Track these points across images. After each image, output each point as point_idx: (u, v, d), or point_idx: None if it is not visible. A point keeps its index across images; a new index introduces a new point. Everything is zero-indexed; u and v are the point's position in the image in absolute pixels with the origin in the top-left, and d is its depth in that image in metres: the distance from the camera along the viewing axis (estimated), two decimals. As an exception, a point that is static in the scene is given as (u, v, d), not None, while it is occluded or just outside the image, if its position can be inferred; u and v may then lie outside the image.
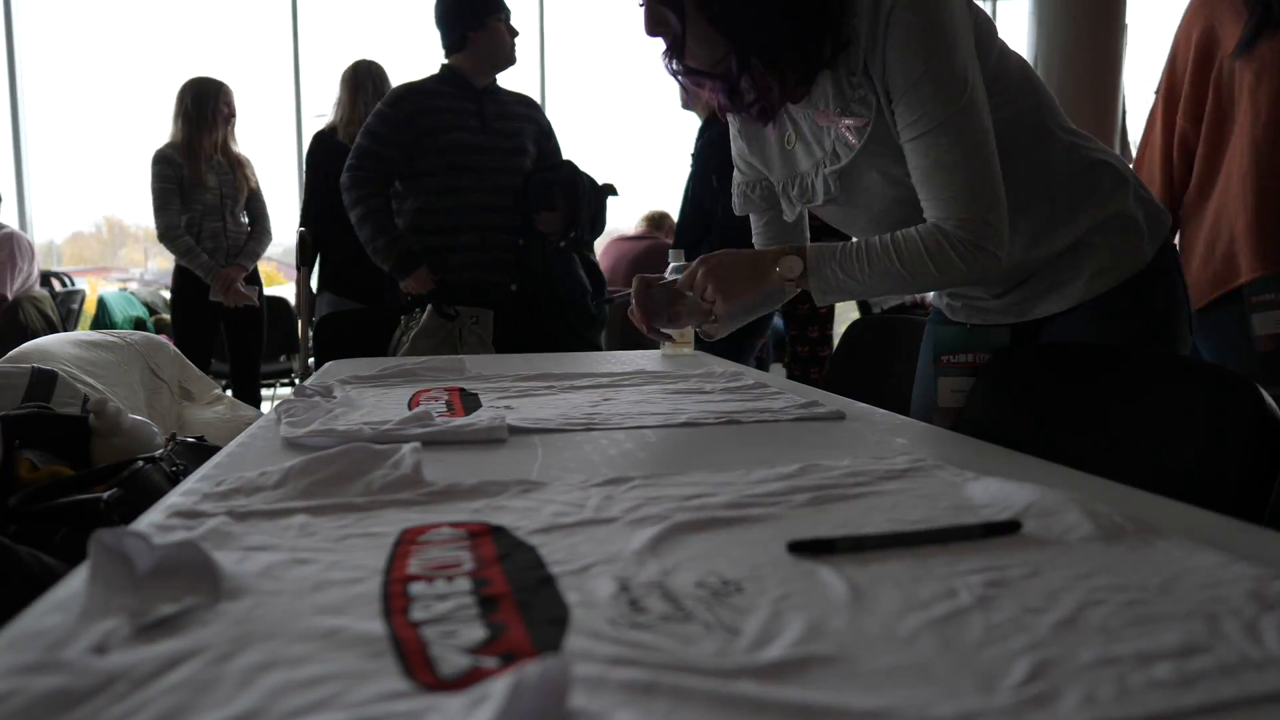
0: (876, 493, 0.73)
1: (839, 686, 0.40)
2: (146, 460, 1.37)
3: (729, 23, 1.11)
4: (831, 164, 1.18)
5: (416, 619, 0.47)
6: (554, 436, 1.02)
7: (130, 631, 0.44)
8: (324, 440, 0.95)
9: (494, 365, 1.71)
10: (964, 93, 1.05)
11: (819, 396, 1.31)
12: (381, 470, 0.74)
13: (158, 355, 2.42)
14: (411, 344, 2.64)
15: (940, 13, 1.05)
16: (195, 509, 0.66)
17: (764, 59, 1.14)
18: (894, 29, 1.06)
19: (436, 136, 2.60)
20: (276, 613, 0.47)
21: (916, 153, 1.09)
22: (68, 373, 1.85)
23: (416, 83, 2.67)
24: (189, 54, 6.28)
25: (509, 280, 2.69)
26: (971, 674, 0.41)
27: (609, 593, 0.51)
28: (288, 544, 0.59)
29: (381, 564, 0.56)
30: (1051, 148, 1.17)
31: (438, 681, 0.40)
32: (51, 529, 1.18)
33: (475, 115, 2.65)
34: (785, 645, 0.44)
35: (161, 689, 0.39)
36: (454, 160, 2.61)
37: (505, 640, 0.45)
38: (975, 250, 1.08)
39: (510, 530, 0.63)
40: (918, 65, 1.05)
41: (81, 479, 1.33)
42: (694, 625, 0.47)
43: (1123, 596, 0.50)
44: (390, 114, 2.61)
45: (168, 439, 1.57)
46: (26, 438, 1.42)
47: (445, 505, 0.70)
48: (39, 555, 1.06)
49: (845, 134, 1.15)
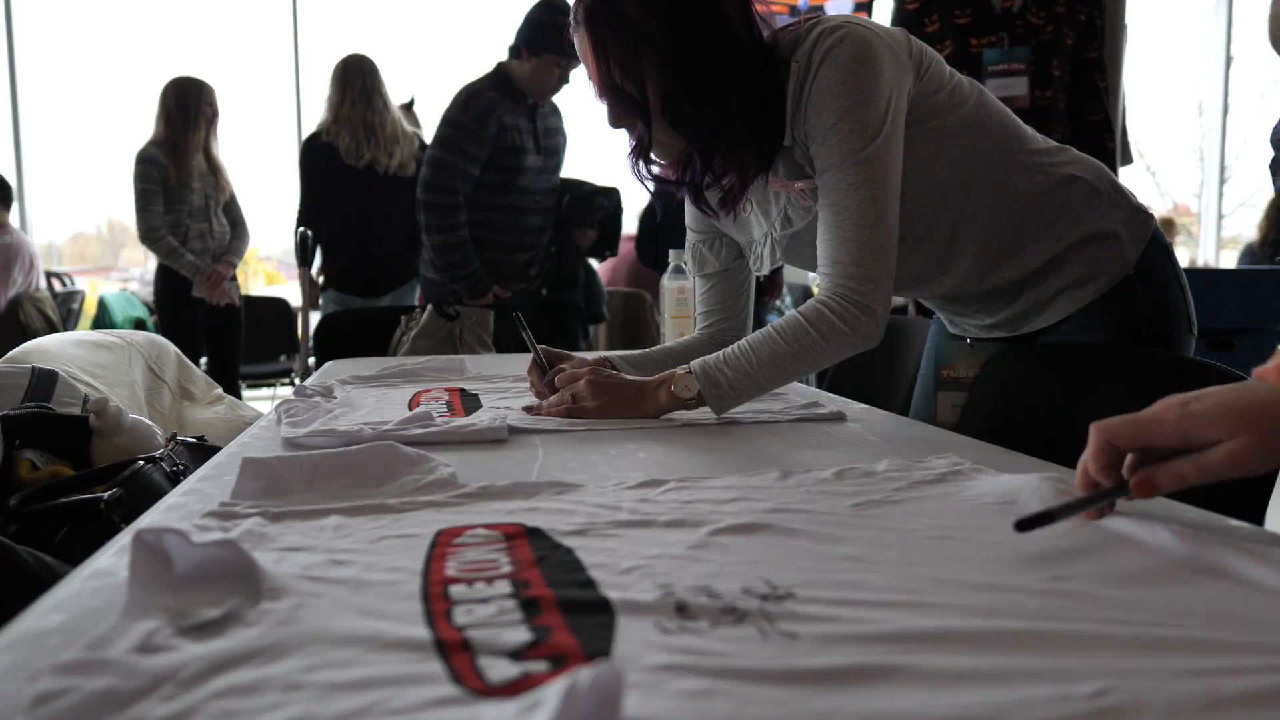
0: (918, 497, 0.72)
1: (904, 693, 0.39)
2: (147, 460, 1.37)
3: (692, 127, 1.13)
4: (782, 228, 1.21)
5: (460, 623, 0.46)
6: (554, 436, 1.02)
7: (174, 631, 0.44)
8: (325, 440, 0.95)
9: (494, 365, 1.71)
10: (870, 144, 1.07)
11: (819, 397, 1.32)
12: (414, 475, 0.74)
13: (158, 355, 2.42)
14: (411, 344, 2.65)
15: (862, 70, 1.07)
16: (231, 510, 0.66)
17: (724, 155, 1.16)
18: (818, 82, 1.09)
19: (508, 156, 2.65)
20: (319, 615, 0.47)
21: (820, 198, 1.11)
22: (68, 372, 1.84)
23: (487, 94, 2.64)
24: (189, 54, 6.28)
25: (541, 286, 2.83)
26: (1045, 680, 0.40)
27: (653, 596, 0.50)
28: (324, 545, 0.59)
29: (418, 566, 0.55)
30: (1013, 173, 1.18)
31: (486, 687, 0.39)
32: (52, 529, 1.18)
33: (532, 135, 2.70)
34: (845, 650, 0.43)
35: (209, 692, 0.38)
36: (516, 182, 2.68)
37: (551, 644, 0.44)
38: (856, 308, 1.08)
39: (546, 532, 0.62)
40: (830, 116, 1.08)
41: (82, 479, 1.33)
42: (747, 629, 0.46)
43: (1205, 609, 0.48)
44: (479, 131, 2.59)
45: (168, 439, 1.57)
46: (26, 437, 1.42)
47: (479, 506, 0.69)
48: (39, 555, 1.05)
49: (799, 198, 1.18)
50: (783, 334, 1.10)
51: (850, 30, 1.09)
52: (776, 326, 1.11)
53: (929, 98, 1.13)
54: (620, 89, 1.12)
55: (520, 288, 2.78)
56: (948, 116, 1.14)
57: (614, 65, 1.11)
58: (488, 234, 2.69)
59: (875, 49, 1.08)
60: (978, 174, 1.17)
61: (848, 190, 1.08)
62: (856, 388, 1.54)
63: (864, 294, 1.08)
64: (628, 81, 1.11)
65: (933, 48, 1.18)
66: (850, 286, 1.08)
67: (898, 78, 1.09)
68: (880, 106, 1.07)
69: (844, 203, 1.08)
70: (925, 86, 1.13)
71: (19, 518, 1.21)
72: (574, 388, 1.13)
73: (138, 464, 1.33)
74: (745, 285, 1.39)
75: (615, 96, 1.13)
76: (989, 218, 1.18)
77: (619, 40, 1.10)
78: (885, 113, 1.08)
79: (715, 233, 1.37)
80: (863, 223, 1.07)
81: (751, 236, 1.30)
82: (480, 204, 2.66)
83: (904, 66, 1.11)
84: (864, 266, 1.08)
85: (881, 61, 1.08)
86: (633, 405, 1.11)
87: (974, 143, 1.16)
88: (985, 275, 1.22)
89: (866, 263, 1.08)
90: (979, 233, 1.19)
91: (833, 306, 1.09)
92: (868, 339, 1.10)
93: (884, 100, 1.08)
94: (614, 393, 1.12)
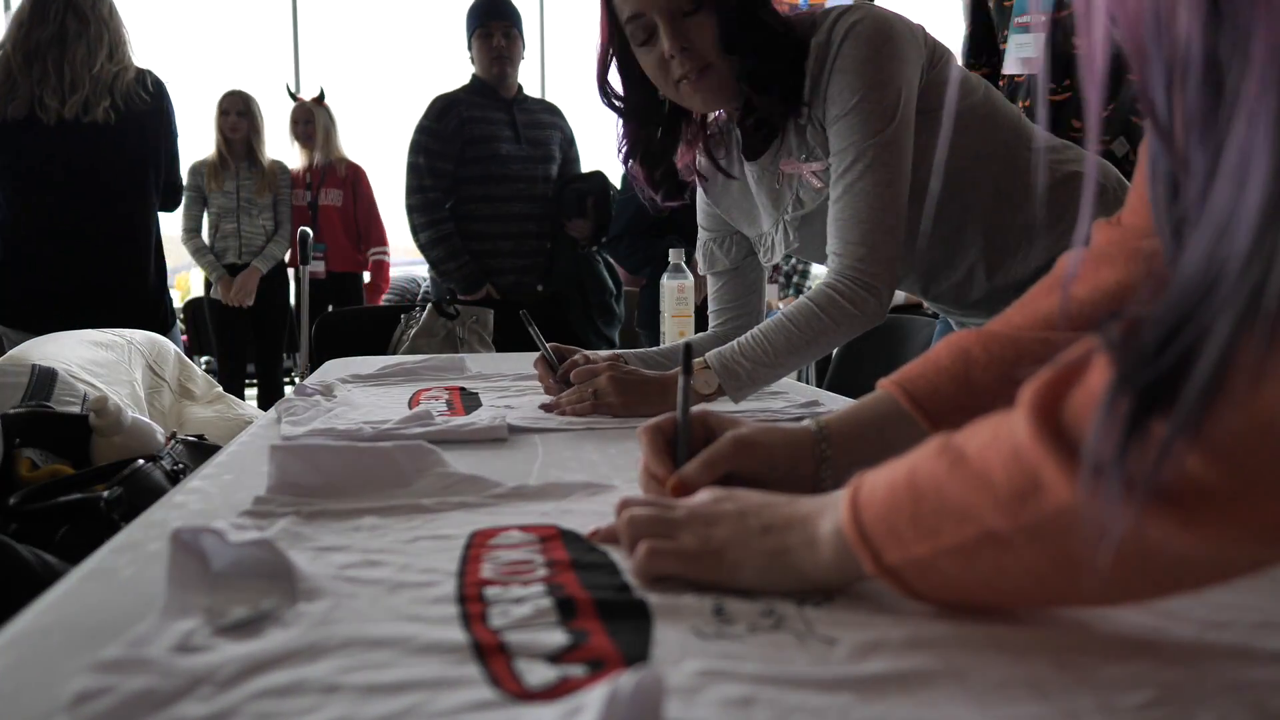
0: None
1: (947, 702, 0.38)
2: (147, 459, 1.37)
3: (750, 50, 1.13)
4: (794, 211, 1.23)
5: (496, 625, 0.46)
6: (554, 436, 1.02)
7: (211, 631, 0.44)
8: (325, 440, 0.95)
9: (494, 365, 1.71)
10: (889, 126, 1.10)
11: (819, 396, 1.32)
12: (444, 469, 0.74)
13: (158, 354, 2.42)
14: (411, 343, 2.67)
15: (886, 48, 1.10)
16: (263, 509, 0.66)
17: (754, 86, 1.16)
18: (840, 60, 1.11)
19: (478, 146, 2.76)
20: (355, 616, 0.47)
21: (834, 177, 1.14)
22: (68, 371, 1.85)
23: (452, 94, 2.81)
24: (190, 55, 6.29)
25: (536, 281, 2.88)
26: (1091, 689, 0.39)
27: (690, 599, 0.49)
28: (359, 545, 0.59)
29: (453, 567, 0.55)
30: (1020, 168, 1.19)
31: (524, 692, 0.39)
32: (52, 528, 1.18)
33: (508, 125, 2.81)
34: (887, 657, 0.42)
35: (247, 693, 0.38)
36: (493, 170, 2.78)
37: (589, 648, 0.43)
38: (863, 289, 1.11)
39: (580, 534, 0.62)
40: (853, 95, 1.11)
41: (82, 478, 1.33)
42: (786, 634, 0.45)
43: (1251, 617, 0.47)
44: (439, 128, 2.75)
45: (168, 438, 1.57)
46: (27, 436, 1.42)
47: (512, 507, 0.69)
48: (40, 554, 1.06)
49: (810, 179, 1.19)
50: (795, 322, 1.13)
51: (871, 11, 1.13)
52: (788, 314, 1.14)
53: (940, 85, 1.15)
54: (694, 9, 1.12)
55: (511, 280, 2.84)
56: (957, 106, 1.16)
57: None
58: (472, 225, 2.81)
59: (897, 30, 1.12)
60: (985, 166, 1.18)
61: (864, 171, 1.11)
62: (856, 387, 1.54)
63: (873, 275, 1.11)
64: None
65: None
66: (860, 269, 1.11)
67: (915, 61, 1.13)
68: (898, 88, 1.10)
69: (860, 184, 1.11)
70: (938, 74, 1.16)
71: (19, 516, 1.21)
72: (595, 384, 1.13)
73: (138, 463, 1.33)
74: (757, 283, 1.41)
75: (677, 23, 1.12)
76: (996, 211, 1.19)
77: None
78: (902, 95, 1.11)
79: (726, 231, 1.39)
80: (877, 205, 1.11)
81: (761, 229, 1.32)
82: (463, 196, 2.80)
83: (919, 51, 1.14)
84: (874, 248, 1.11)
85: (902, 43, 1.11)
86: (655, 401, 1.11)
87: (982, 134, 1.18)
88: (992, 271, 1.22)
89: (878, 244, 1.11)
90: (985, 227, 1.20)
91: (842, 290, 1.12)
92: (874, 318, 1.14)
93: (902, 82, 1.11)
94: (636, 389, 1.13)
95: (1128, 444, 0.33)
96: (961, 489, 0.42)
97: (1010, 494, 0.39)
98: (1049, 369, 0.39)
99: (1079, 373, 0.38)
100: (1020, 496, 0.39)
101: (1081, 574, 0.38)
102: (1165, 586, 0.41)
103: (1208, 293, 0.31)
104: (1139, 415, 0.33)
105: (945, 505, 0.43)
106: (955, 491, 0.42)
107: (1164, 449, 0.32)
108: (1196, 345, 0.31)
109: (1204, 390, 0.31)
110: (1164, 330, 0.32)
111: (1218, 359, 0.30)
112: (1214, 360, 0.30)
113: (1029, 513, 0.39)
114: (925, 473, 0.44)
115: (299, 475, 0.69)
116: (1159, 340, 0.32)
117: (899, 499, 0.45)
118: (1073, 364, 0.38)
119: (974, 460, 0.42)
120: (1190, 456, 0.32)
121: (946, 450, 0.44)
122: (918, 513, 0.44)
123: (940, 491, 0.43)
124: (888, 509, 0.45)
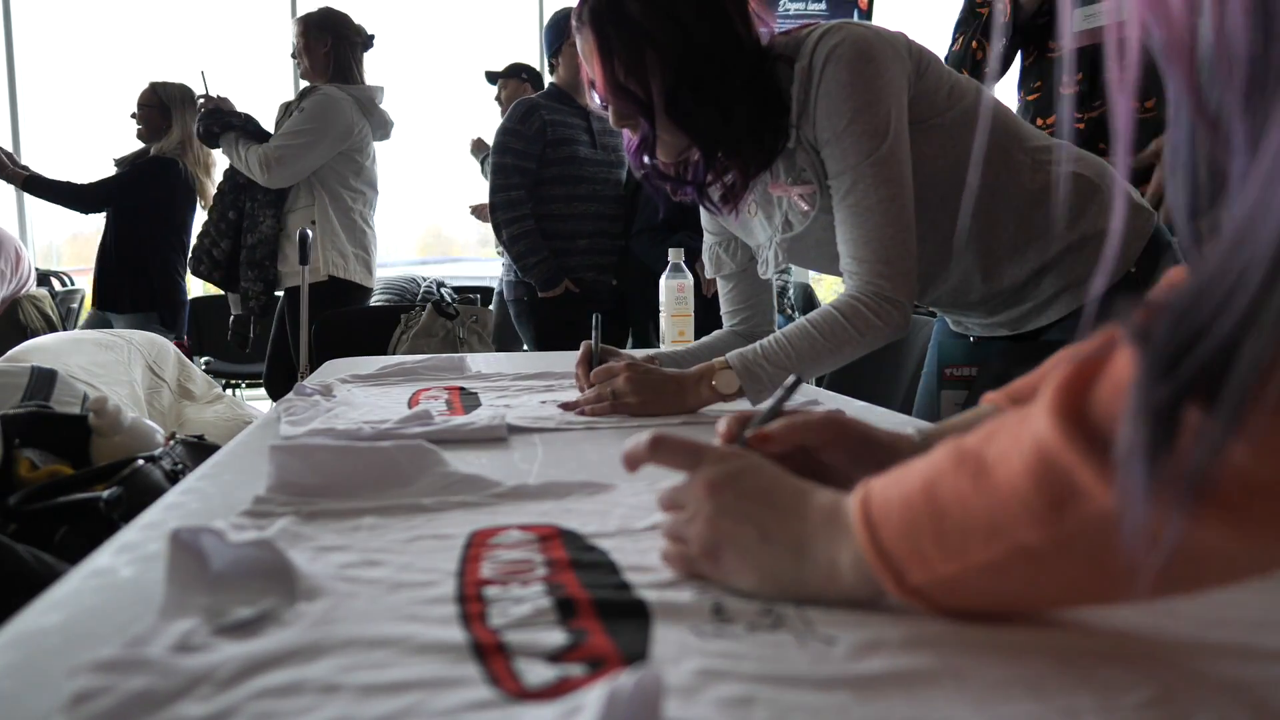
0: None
1: (946, 701, 0.38)
2: (146, 459, 1.37)
3: (695, 125, 1.14)
4: (784, 232, 1.23)
5: (495, 625, 0.46)
6: (554, 436, 1.02)
7: (210, 631, 0.44)
8: (325, 440, 0.95)
9: (494, 364, 1.71)
10: (883, 143, 1.10)
11: (819, 395, 1.32)
12: (445, 469, 0.74)
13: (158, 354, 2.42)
14: (411, 343, 2.67)
15: (868, 68, 1.10)
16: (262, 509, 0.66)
17: (727, 153, 1.17)
18: (825, 85, 1.11)
19: (559, 149, 2.86)
20: (354, 615, 0.47)
21: (836, 199, 1.14)
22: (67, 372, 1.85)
23: (534, 99, 2.95)
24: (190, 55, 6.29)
25: (611, 278, 3.01)
26: (1089, 689, 0.39)
27: (689, 598, 0.50)
28: (358, 545, 0.59)
29: (453, 567, 0.55)
30: (1015, 170, 1.19)
31: (523, 691, 0.39)
32: (51, 528, 1.18)
33: (585, 131, 2.93)
34: (885, 657, 0.42)
35: (247, 693, 0.38)
36: (571, 171, 2.88)
37: (588, 647, 0.44)
38: (886, 302, 1.12)
39: (580, 534, 0.62)
40: (842, 119, 1.11)
41: (81, 478, 1.33)
42: (785, 634, 0.45)
43: (1251, 616, 0.47)
44: (523, 130, 2.85)
45: (168, 438, 1.57)
46: (26, 437, 1.42)
47: (512, 506, 0.69)
48: (39, 553, 1.06)
49: (798, 202, 1.20)
50: (819, 328, 1.13)
51: (849, 31, 1.12)
52: (812, 320, 1.14)
53: (929, 95, 1.15)
54: (624, 88, 1.14)
55: (590, 277, 2.94)
56: (947, 114, 1.16)
57: (618, 64, 1.13)
58: (549, 224, 2.89)
59: (876, 47, 1.11)
60: (983, 173, 1.18)
61: (867, 190, 1.11)
62: (856, 387, 1.54)
63: (894, 289, 1.12)
64: (631, 80, 1.13)
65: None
66: (879, 284, 1.12)
67: (899, 74, 1.13)
68: (888, 104, 1.11)
69: (865, 203, 1.11)
70: (925, 84, 1.15)
71: (18, 517, 1.21)
72: (613, 384, 1.13)
73: (137, 463, 1.34)
74: (765, 282, 1.41)
75: (619, 95, 1.15)
76: (990, 214, 1.19)
77: (623, 39, 1.11)
78: (893, 110, 1.11)
79: (730, 235, 1.39)
80: (885, 221, 1.11)
81: (757, 240, 1.32)
82: (543, 195, 2.89)
83: (903, 64, 1.14)
84: (891, 263, 1.11)
85: (883, 59, 1.11)
86: (673, 400, 1.12)
87: (973, 138, 1.17)
88: (988, 274, 1.22)
89: (894, 259, 1.11)
90: (980, 229, 1.20)
91: (865, 302, 1.12)
92: (898, 330, 1.15)
93: (891, 97, 1.11)
94: (654, 388, 1.13)
95: (1166, 439, 0.31)
96: (988, 503, 0.40)
97: (1043, 504, 0.37)
98: (1067, 364, 0.37)
99: (1099, 366, 0.36)
100: (1055, 506, 0.37)
101: (1120, 577, 0.36)
102: (1205, 583, 0.38)
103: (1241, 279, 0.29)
104: (1173, 407, 0.31)
105: (971, 521, 0.40)
106: (981, 506, 0.40)
107: (1212, 443, 0.30)
108: (1238, 331, 0.29)
109: (1247, 379, 0.29)
110: (1199, 317, 0.30)
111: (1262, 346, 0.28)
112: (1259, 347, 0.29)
113: (1066, 522, 0.37)
114: (946, 487, 0.41)
115: (298, 475, 0.69)
116: (1193, 328, 0.30)
117: (917, 516, 0.42)
118: (1092, 357, 0.36)
119: (997, 469, 0.39)
120: (1236, 449, 0.30)
121: (964, 460, 0.41)
122: (941, 531, 0.41)
123: (964, 506, 0.40)
124: (908, 526, 0.43)
